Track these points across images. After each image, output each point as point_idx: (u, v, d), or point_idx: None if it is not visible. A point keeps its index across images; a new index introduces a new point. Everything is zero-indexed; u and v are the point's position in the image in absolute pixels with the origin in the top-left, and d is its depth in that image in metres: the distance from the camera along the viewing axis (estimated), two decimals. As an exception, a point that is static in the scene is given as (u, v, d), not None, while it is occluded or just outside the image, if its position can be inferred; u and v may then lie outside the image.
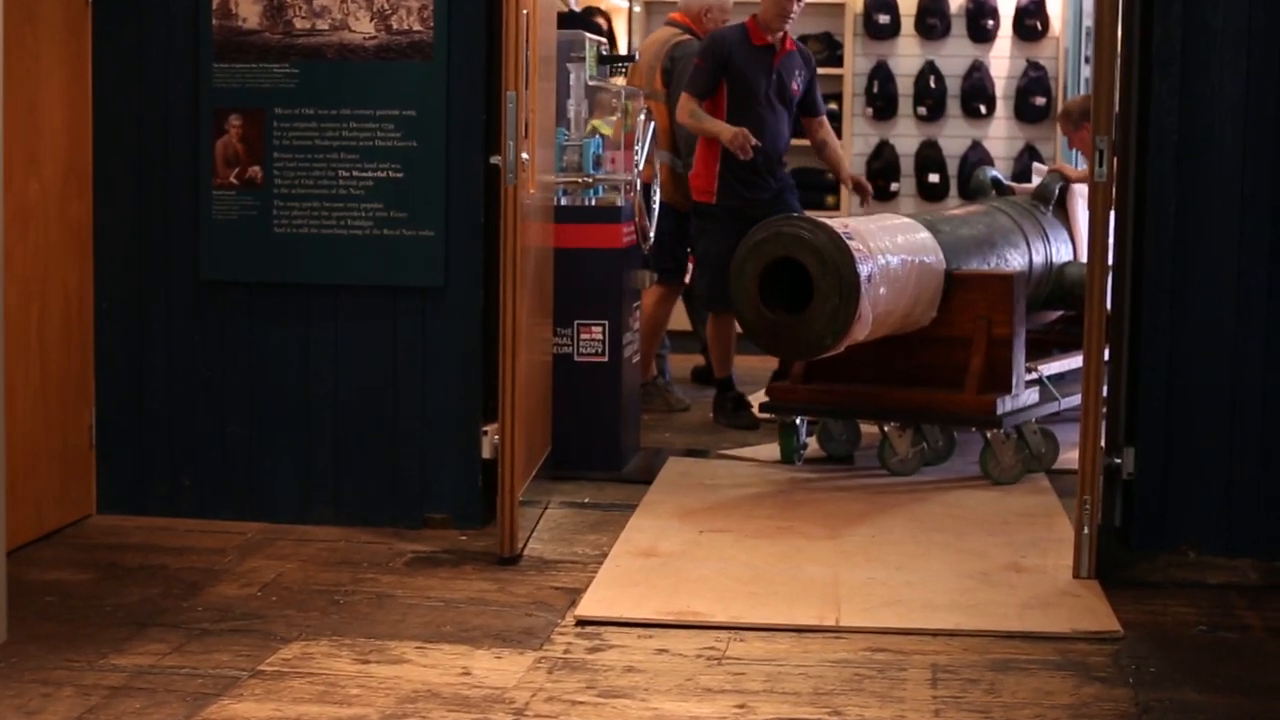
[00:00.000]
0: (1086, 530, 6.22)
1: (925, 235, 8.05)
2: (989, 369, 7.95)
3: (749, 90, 8.89)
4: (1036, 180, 9.63)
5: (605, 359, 8.01)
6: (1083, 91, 12.64)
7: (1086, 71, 13.07)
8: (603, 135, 8.36)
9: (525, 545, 6.70)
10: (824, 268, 7.28)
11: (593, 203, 8.19)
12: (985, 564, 6.45)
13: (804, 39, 12.91)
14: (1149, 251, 6.52)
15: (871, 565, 6.43)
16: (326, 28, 6.89)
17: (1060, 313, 9.51)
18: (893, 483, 7.93)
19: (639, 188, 8.12)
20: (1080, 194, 9.36)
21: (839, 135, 12.69)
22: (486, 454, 6.78)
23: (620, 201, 8.14)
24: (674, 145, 9.44)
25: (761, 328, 7.45)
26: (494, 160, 6.54)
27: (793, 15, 8.78)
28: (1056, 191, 9.30)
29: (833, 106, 12.95)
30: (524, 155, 6.42)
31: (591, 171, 8.12)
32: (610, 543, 6.76)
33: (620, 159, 8.25)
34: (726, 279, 7.99)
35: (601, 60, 8.69)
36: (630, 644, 5.54)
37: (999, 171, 10.24)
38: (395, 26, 6.84)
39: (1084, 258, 9.04)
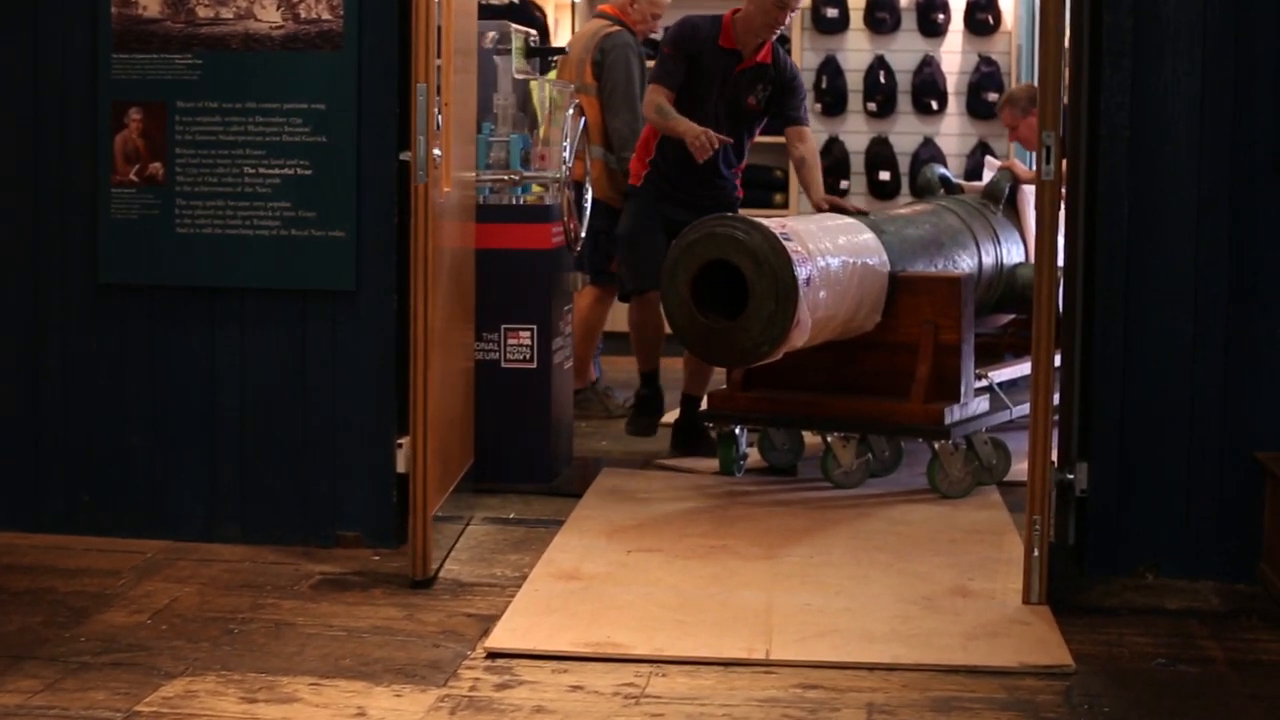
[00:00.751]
0: (1037, 552, 5.81)
1: (868, 236, 7.64)
2: (936, 376, 7.54)
3: (697, 96, 8.10)
4: (988, 177, 9.23)
5: (534, 365, 7.59)
6: None
7: None
8: (532, 131, 7.93)
9: (440, 566, 6.27)
10: (759, 270, 6.85)
11: (521, 201, 7.74)
12: (929, 587, 6.04)
13: None
14: (1101, 254, 6.12)
15: (808, 589, 6.00)
16: (231, 16, 6.46)
17: (1012, 316, 9.13)
18: (836, 496, 7.52)
19: (570, 186, 7.67)
20: (1032, 192, 8.95)
21: None
22: (401, 468, 6.34)
23: (549, 200, 7.70)
24: (606, 140, 8.99)
25: (695, 334, 7.02)
26: (404, 156, 6.12)
27: (781, 28, 8.16)
28: (1007, 190, 8.90)
29: None
30: (436, 151, 5.99)
31: (519, 168, 7.68)
32: (532, 563, 6.34)
33: (550, 155, 7.80)
34: (640, 257, 7.87)
35: (530, 53, 8.24)
36: (543, 679, 5.10)
37: (948, 169, 9.80)
38: (303, 15, 6.41)
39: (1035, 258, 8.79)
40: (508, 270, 7.52)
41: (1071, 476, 6.20)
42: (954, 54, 12.56)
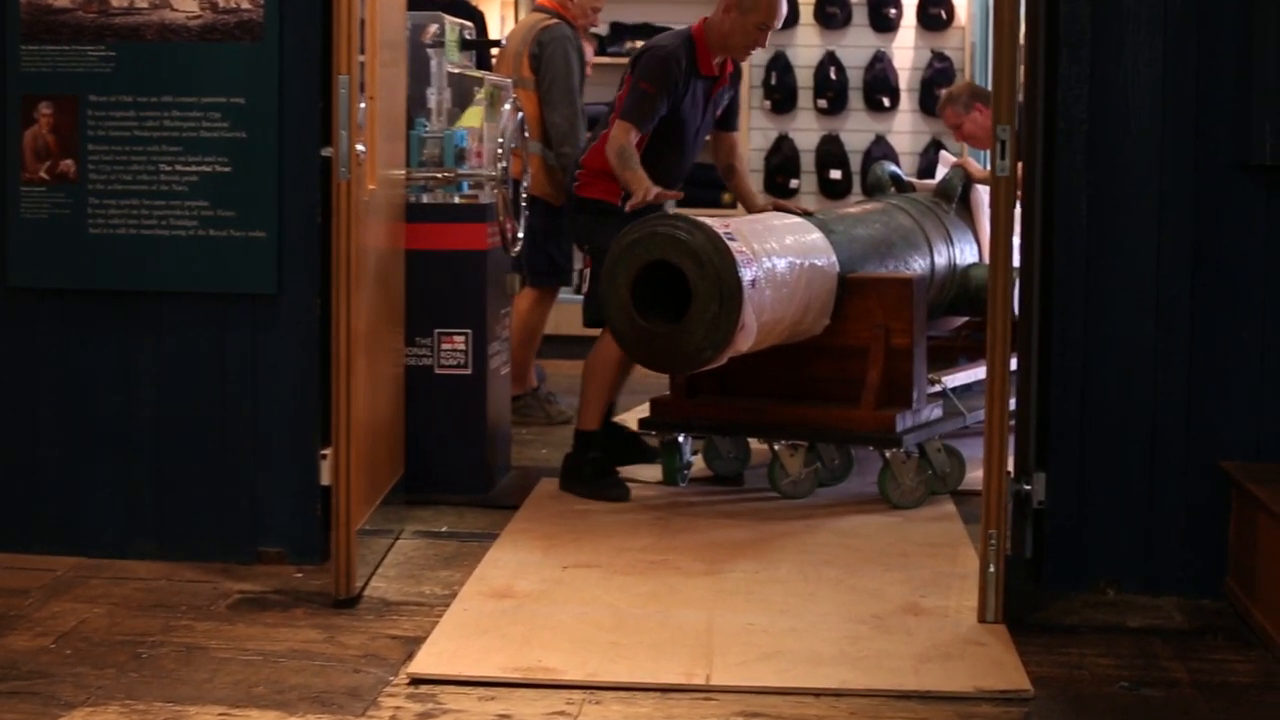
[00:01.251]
0: (993, 568, 5.52)
1: (817, 236, 7.34)
2: (887, 382, 7.25)
3: (682, 126, 7.53)
4: (941, 174, 8.94)
5: (469, 371, 7.29)
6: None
7: None
8: (468, 127, 7.62)
9: (366, 584, 5.95)
10: (702, 272, 6.55)
11: (456, 200, 7.43)
12: (880, 605, 5.74)
13: None
14: (1059, 254, 5.84)
15: (752, 608, 5.70)
16: (146, 6, 6.14)
17: (966, 319, 8.85)
18: (783, 506, 7.22)
19: (507, 184, 7.36)
20: (986, 191, 8.68)
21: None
22: (325, 480, 6.01)
23: (484, 199, 7.39)
24: (544, 135, 8.68)
25: (635, 338, 6.71)
26: (325, 152, 5.81)
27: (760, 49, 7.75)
28: (960, 188, 8.61)
29: None
30: (360, 147, 5.67)
31: (454, 166, 7.37)
32: (463, 580, 6.03)
33: (487, 153, 7.49)
34: None
35: (465, 45, 7.93)
36: (468, 708, 4.79)
37: (900, 167, 9.50)
38: (221, 5, 6.09)
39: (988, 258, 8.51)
40: (441, 272, 7.23)
41: (1028, 487, 5.92)
42: (906, 50, 12.32)
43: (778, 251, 6.93)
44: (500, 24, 11.92)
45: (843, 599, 5.81)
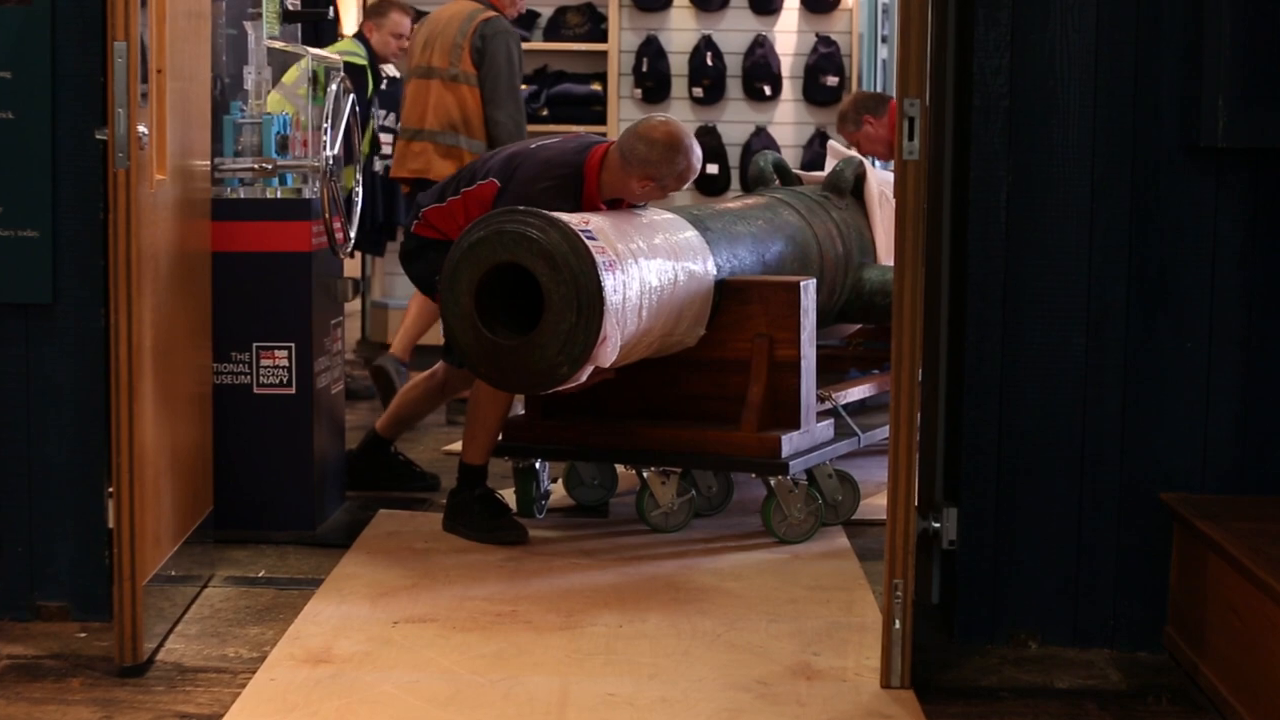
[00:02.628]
0: (899, 625, 4.73)
1: (691, 234, 6.54)
2: (771, 400, 6.47)
3: None
4: (830, 166, 8.17)
5: (292, 390, 6.45)
6: (879, 73, 11.46)
7: (884, 52, 11.92)
8: (289, 111, 6.78)
9: (161, 644, 5.11)
10: (557, 276, 5.73)
11: (278, 195, 6.58)
12: (766, 666, 4.94)
13: (563, 10, 11.77)
14: (974, 252, 5.06)
15: (614, 672, 4.89)
16: (-105, -38, 5.25)
17: (858, 326, 8.09)
18: (654, 542, 6.43)
19: (335, 177, 6.51)
20: (881, 182, 7.94)
21: (605, 119, 11.41)
22: (113, 522, 5.13)
23: (308, 193, 6.54)
24: (487, 134, 8.50)
25: (481, 353, 5.88)
26: (100, 135, 4.96)
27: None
28: (853, 180, 7.84)
29: (596, 88, 11.73)
30: (142, 129, 4.81)
31: (274, 156, 6.52)
32: (275, 639, 5.19)
33: (316, 141, 6.65)
34: None
35: (288, 16, 7.07)
36: (262, 814, 3.95)
37: (785, 157, 8.72)
38: (-16, -41, 5.21)
39: (885, 259, 7.76)
40: (259, 277, 6.43)
41: (937, 525, 5.14)
42: (789, 34, 11.75)
43: (645, 252, 6.13)
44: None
45: (722, 659, 5.01)
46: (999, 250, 5.04)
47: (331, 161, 6.48)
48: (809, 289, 6.57)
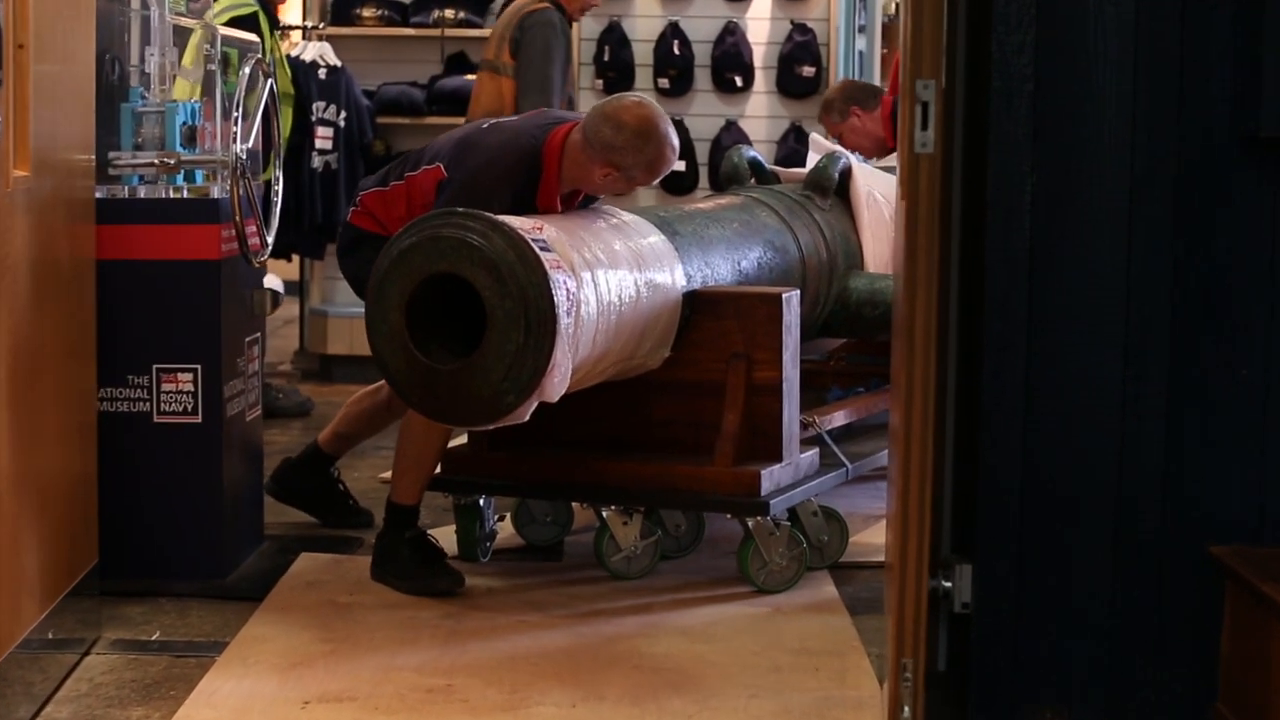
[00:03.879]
0: (907, 712, 4.02)
1: (656, 240, 5.84)
2: (749, 428, 5.78)
3: None
4: (813, 161, 7.47)
5: (198, 418, 5.74)
6: (858, 63, 10.80)
7: (861, 43, 11.27)
8: (199, 99, 6.06)
9: (25, 733, 4.37)
10: (502, 289, 5.01)
11: (185, 194, 5.86)
12: (746, 757, 4.23)
13: None
14: (993, 263, 4.34)
15: (566, 766, 4.17)
16: None
17: (842, 341, 7.39)
18: (614, 592, 5.74)
19: (246, 173, 5.78)
20: (869, 180, 7.26)
21: None
22: (-27, 580, 4.42)
23: (216, 192, 5.82)
24: None
25: (413, 379, 5.15)
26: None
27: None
28: (837, 176, 7.14)
29: None
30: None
31: (180, 149, 5.80)
32: (165, 721, 4.46)
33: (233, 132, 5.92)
34: None
35: (195, -10, 6.34)
36: None
37: (760, 153, 8.00)
38: None
39: (873, 266, 7.08)
40: (160, 289, 5.75)
41: (948, 584, 4.42)
42: (762, 21, 11.00)
43: (604, 261, 5.42)
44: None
45: (695, 748, 4.30)
46: (1021, 260, 4.32)
47: (244, 156, 5.74)
48: (792, 302, 5.87)
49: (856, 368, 7.56)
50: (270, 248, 6.08)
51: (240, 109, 5.74)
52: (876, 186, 7.41)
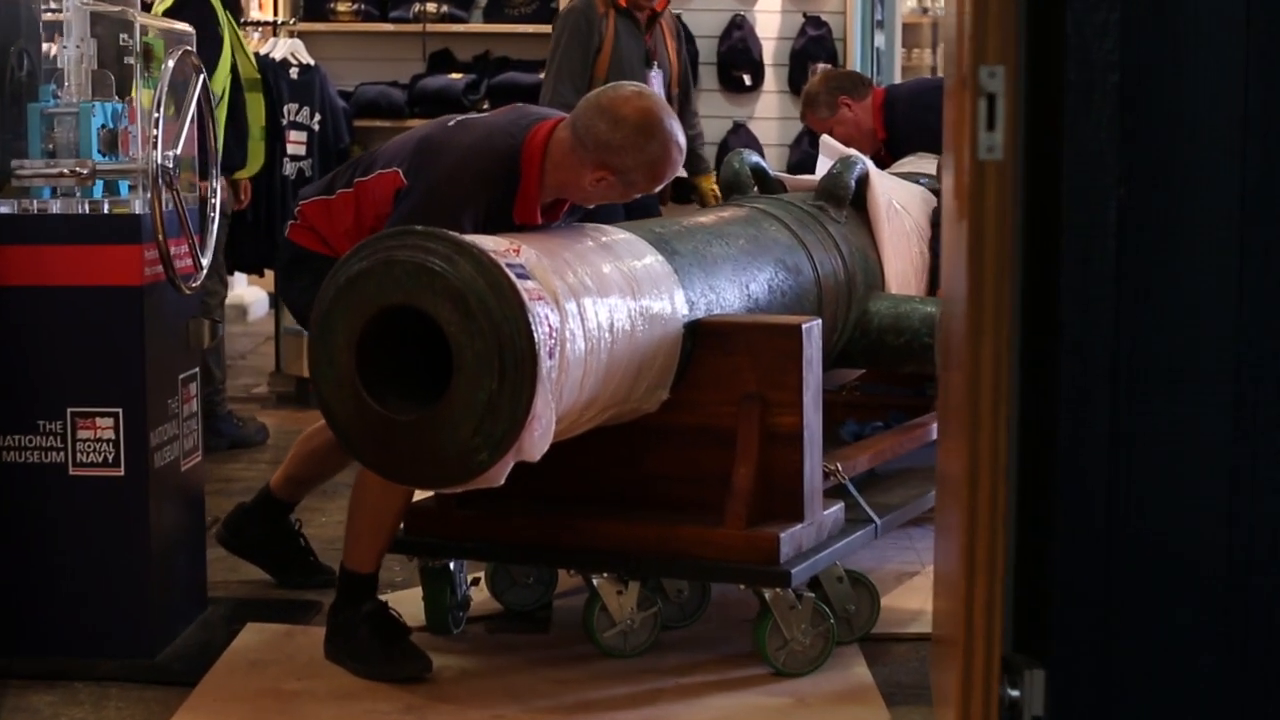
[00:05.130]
0: None
1: (652, 260, 5.07)
2: (764, 483, 5.02)
3: None
4: (824, 167, 6.74)
5: (120, 471, 5.02)
6: (875, 61, 10.20)
7: (880, 39, 10.62)
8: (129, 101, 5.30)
9: None
10: (471, 326, 4.23)
11: (106, 209, 5.11)
12: None
13: None
14: (1070, 298, 3.58)
15: None
16: None
17: (860, 372, 6.65)
18: (608, 673, 4.98)
19: (171, 181, 5.02)
20: (889, 187, 6.54)
21: None
22: None
23: (139, 206, 5.06)
24: None
25: (365, 433, 4.38)
26: None
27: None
28: (854, 184, 6.39)
29: None
30: None
31: (98, 158, 5.05)
32: None
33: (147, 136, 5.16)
34: None
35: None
36: None
37: (764, 160, 7.22)
38: None
39: (895, 286, 6.34)
40: (74, 321, 5.02)
41: (1015, 693, 3.65)
42: (772, 14, 10.53)
43: (592, 288, 4.65)
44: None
45: None
46: (1107, 294, 3.55)
47: (171, 163, 4.97)
48: (813, 333, 5.11)
49: (872, 399, 6.85)
50: (204, 271, 5.31)
51: (161, 108, 4.96)
52: (896, 195, 6.67)
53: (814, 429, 5.08)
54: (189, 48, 5.32)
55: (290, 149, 9.36)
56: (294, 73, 9.41)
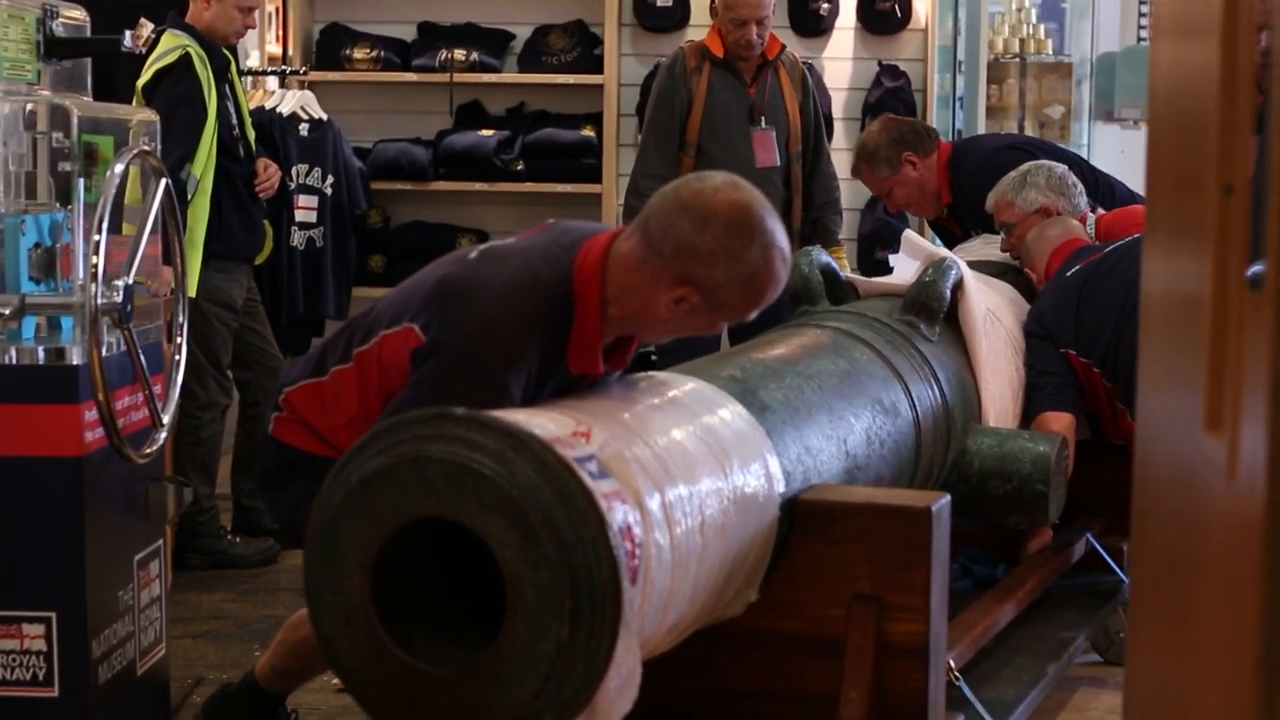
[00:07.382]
0: None
1: (735, 417, 4.05)
2: (878, 705, 4.05)
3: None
4: (905, 267, 5.81)
5: (53, 690, 4.16)
6: (956, 113, 9.32)
7: (961, 86, 9.71)
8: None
9: None
10: (532, 551, 3.20)
11: (41, 356, 4.12)
12: None
13: (545, 30, 9.75)
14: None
15: None
16: None
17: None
18: None
19: (121, 318, 4.01)
20: (984, 293, 5.61)
21: (599, 177, 9.47)
22: None
23: (78, 356, 4.05)
24: None
25: (385, 683, 3.35)
26: None
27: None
28: (949, 295, 5.43)
29: (588, 133, 9.56)
30: None
31: (29, 289, 4.05)
32: None
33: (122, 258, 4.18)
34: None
35: (53, 49, 4.48)
36: None
37: (831, 257, 6.22)
38: None
39: (994, 416, 5.38)
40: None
41: None
42: (842, 61, 9.68)
43: (675, 472, 3.61)
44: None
45: None
46: None
47: (120, 295, 3.95)
48: (943, 516, 4.12)
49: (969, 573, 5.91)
50: (165, 430, 4.28)
51: (105, 226, 3.92)
52: (989, 301, 5.72)
53: (940, 638, 4.11)
54: (143, 149, 4.27)
55: (299, 215, 8.35)
56: (304, 129, 8.45)
